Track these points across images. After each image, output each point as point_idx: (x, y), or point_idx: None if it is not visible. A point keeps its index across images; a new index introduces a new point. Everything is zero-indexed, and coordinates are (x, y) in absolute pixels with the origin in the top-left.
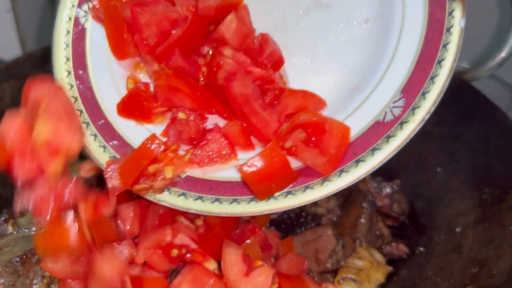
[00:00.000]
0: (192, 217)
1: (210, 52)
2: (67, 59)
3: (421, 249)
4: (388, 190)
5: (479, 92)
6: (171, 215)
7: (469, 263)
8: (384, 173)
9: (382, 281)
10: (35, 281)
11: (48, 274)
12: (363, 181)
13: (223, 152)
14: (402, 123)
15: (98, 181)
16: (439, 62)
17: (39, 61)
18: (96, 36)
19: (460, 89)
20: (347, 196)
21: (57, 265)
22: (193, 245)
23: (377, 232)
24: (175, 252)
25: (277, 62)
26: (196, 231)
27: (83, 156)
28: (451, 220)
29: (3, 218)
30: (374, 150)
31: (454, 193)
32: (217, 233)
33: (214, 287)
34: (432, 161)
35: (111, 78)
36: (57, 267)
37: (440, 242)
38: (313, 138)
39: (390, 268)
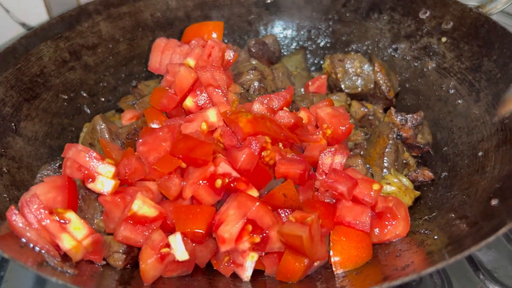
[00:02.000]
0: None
1: None
2: None
3: (446, 174)
4: (412, 122)
5: (497, 24)
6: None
7: (493, 180)
8: (407, 107)
9: (410, 204)
10: (95, 216)
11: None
12: (388, 114)
13: None
14: None
15: None
16: None
17: (71, 22)
18: None
19: (478, 22)
20: (373, 130)
21: None
22: (235, 174)
23: (404, 161)
24: (219, 182)
25: None
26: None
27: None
28: (474, 145)
29: (58, 164)
30: None
31: (476, 121)
32: (258, 165)
33: (259, 211)
34: (453, 94)
35: None
36: None
37: (464, 166)
38: None
39: (417, 193)
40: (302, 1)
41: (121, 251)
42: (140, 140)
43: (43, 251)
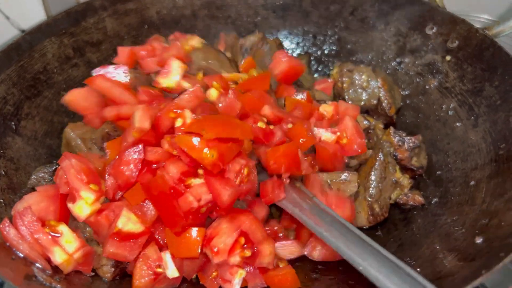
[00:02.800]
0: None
1: None
2: None
3: (436, 200)
4: (409, 144)
5: (502, 49)
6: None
7: (481, 214)
8: (406, 124)
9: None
10: None
11: None
12: (387, 133)
13: None
14: None
15: None
16: None
17: (76, 18)
18: None
19: (484, 45)
20: (372, 146)
21: None
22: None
23: (394, 180)
24: (203, 209)
25: None
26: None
27: None
28: (467, 173)
29: (54, 167)
30: None
31: (472, 147)
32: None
33: (252, 225)
34: (452, 116)
35: None
36: None
37: (455, 194)
38: None
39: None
40: (310, 6)
41: (110, 264)
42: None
43: (35, 265)
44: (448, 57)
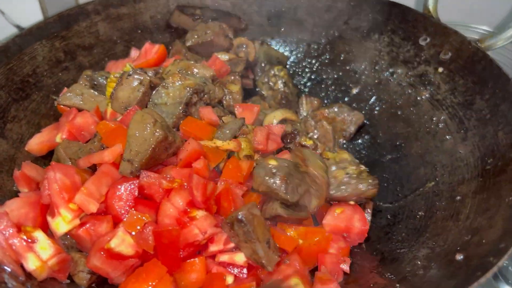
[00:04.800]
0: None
1: None
2: None
3: (422, 213)
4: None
5: (493, 62)
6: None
7: (464, 230)
8: (396, 136)
9: None
10: None
11: None
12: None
13: None
14: None
15: None
16: None
17: (68, 22)
18: None
19: (476, 57)
20: None
21: None
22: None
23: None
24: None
25: None
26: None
27: None
28: (454, 187)
29: None
30: None
31: (460, 161)
32: None
33: None
34: (442, 128)
35: None
36: None
37: (441, 208)
38: None
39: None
40: (304, 15)
41: (86, 270)
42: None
43: (6, 271)
44: (440, 69)
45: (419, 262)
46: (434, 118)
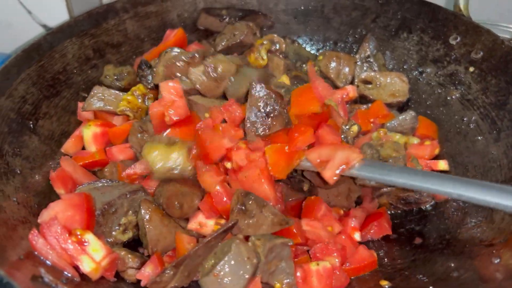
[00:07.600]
0: None
1: None
2: None
3: (454, 211)
4: None
5: None
6: None
7: (498, 232)
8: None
9: None
10: (113, 228)
11: (123, 222)
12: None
13: None
14: None
15: None
16: None
17: (97, 20)
18: None
19: (509, 57)
20: None
21: None
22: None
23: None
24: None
25: None
26: None
27: None
28: None
29: None
30: None
31: (492, 162)
32: None
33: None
34: (473, 129)
35: None
36: None
37: (473, 211)
38: None
39: None
40: (331, 13)
41: (135, 266)
42: None
43: (42, 269)
44: (471, 68)
45: (452, 264)
46: (465, 119)
